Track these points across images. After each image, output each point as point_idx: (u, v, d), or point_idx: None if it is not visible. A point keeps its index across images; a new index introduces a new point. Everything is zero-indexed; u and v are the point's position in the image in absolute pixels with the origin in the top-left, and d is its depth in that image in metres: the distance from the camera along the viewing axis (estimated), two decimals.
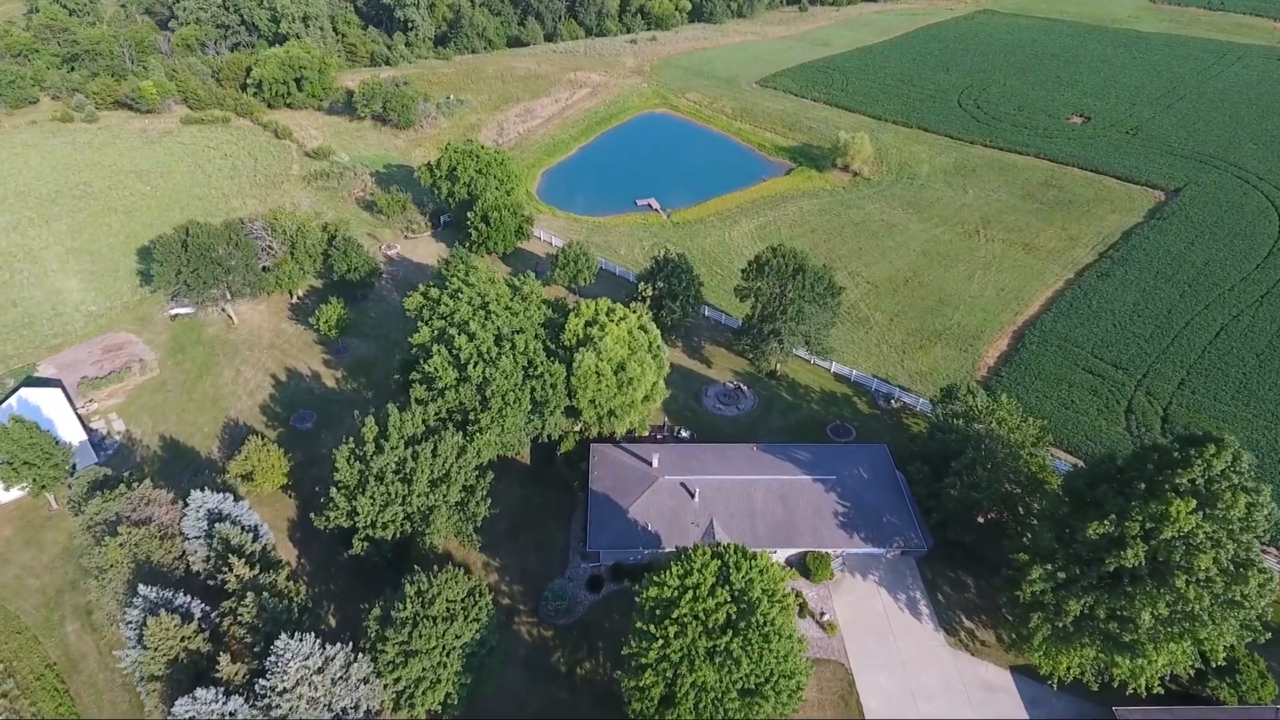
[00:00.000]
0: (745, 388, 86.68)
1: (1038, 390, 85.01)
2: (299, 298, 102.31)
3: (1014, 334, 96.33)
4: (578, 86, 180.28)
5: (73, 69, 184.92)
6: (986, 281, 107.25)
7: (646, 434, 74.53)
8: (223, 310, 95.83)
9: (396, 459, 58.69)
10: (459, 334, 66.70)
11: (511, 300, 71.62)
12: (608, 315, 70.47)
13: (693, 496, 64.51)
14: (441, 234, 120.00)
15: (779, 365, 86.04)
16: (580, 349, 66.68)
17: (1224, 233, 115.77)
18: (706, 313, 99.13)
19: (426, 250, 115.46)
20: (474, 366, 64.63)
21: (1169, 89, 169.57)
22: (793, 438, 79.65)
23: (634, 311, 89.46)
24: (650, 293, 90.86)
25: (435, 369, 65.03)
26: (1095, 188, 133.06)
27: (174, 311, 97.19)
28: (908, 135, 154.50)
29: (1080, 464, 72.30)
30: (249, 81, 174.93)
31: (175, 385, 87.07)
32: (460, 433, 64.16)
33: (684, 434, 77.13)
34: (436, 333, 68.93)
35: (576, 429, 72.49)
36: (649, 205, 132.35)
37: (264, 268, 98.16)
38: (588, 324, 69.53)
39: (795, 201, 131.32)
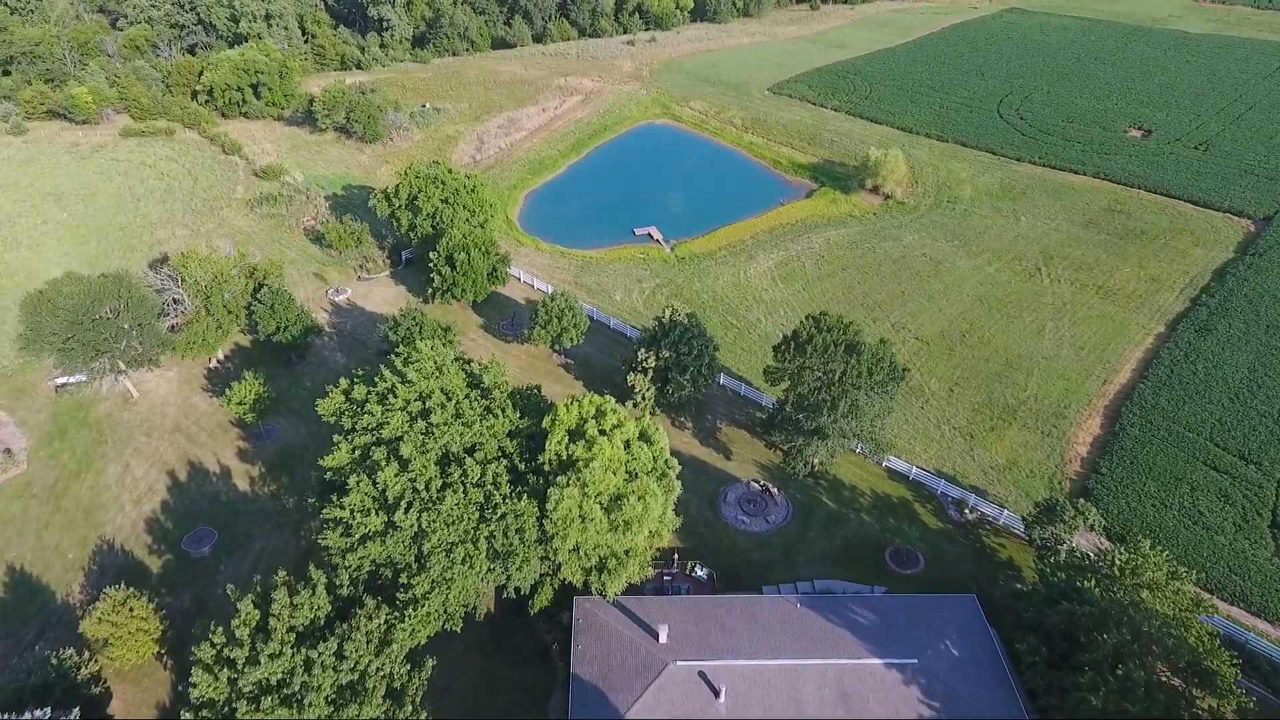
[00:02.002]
0: (775, 490, 67.49)
1: (1153, 496, 65.93)
2: (219, 361, 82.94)
3: (1106, 410, 77.25)
4: (568, 94, 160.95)
5: (7, 73, 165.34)
6: (1060, 337, 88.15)
7: (650, 575, 55.24)
8: (117, 380, 76.35)
9: (282, 670, 39.37)
10: (387, 459, 47.41)
11: (466, 399, 52.17)
12: (597, 419, 51.13)
13: (717, 695, 45.39)
14: (403, 273, 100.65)
15: (820, 464, 66.82)
16: (561, 477, 47.34)
17: None
18: (723, 380, 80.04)
19: (383, 295, 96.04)
20: (405, 511, 45.36)
21: (1234, 97, 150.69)
22: (841, 568, 60.56)
23: (634, 388, 70.84)
24: (653, 363, 71.74)
25: (351, 513, 45.75)
26: (1169, 215, 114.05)
27: (60, 381, 77.84)
28: (944, 151, 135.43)
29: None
30: (199, 88, 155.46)
31: (42, 488, 67.64)
32: (386, 604, 44.95)
33: (700, 572, 57.91)
34: (358, 453, 49.61)
35: (555, 574, 53.14)
36: (649, 235, 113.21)
37: (171, 327, 78.79)
38: (571, 436, 50.17)
39: (820, 231, 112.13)
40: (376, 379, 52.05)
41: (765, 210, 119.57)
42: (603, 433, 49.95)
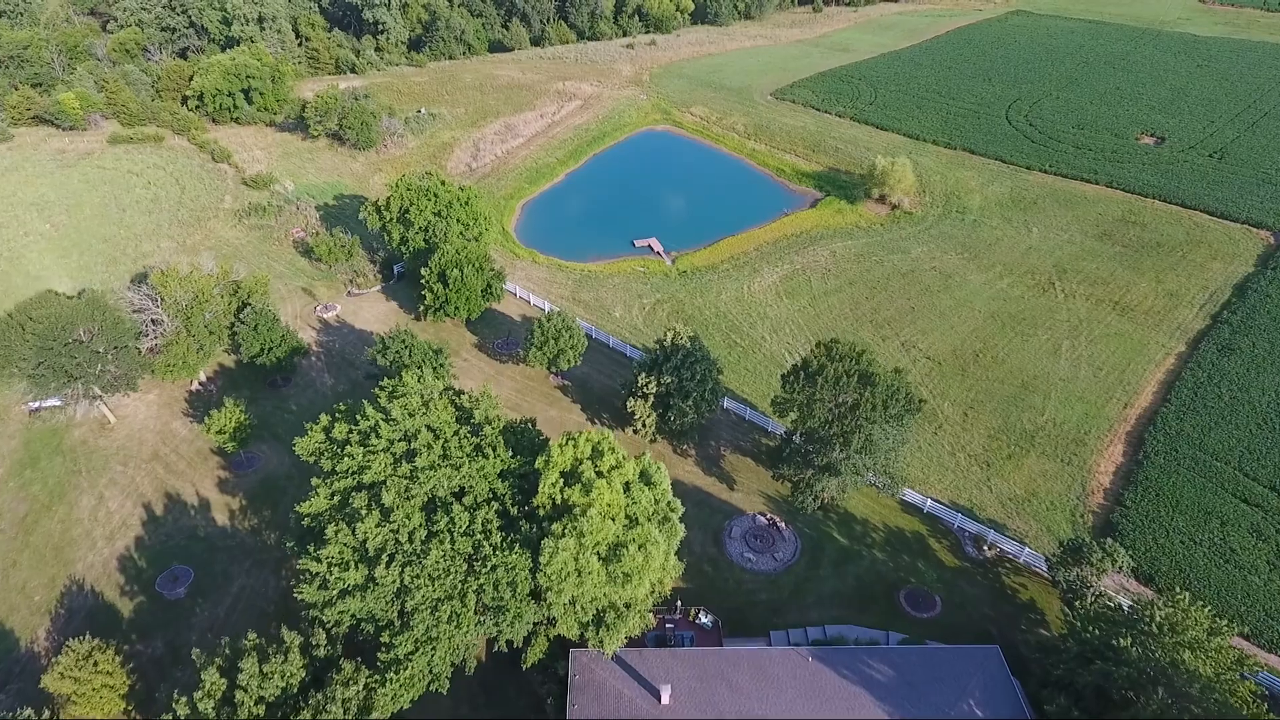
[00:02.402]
0: (782, 524, 64.06)
1: (1181, 531, 62.52)
2: (202, 383, 79.47)
3: (1128, 436, 73.81)
4: (567, 98, 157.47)
5: None
6: (1078, 356, 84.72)
7: (651, 623, 51.72)
8: (93, 405, 72.92)
9: None
10: (368, 507, 43.97)
11: (455, 437, 48.73)
12: (594, 459, 47.73)
13: None
14: (395, 288, 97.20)
15: (830, 499, 63.35)
16: (556, 526, 43.93)
17: None
18: (727, 403, 76.63)
19: (374, 311, 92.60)
20: (387, 565, 41.94)
21: (1248, 103, 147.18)
22: (853, 611, 57.15)
23: (634, 414, 67.47)
24: (654, 389, 68.35)
25: (329, 566, 42.33)
26: (1185, 226, 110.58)
27: (34, 405, 74.48)
28: (951, 159, 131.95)
29: None
30: (190, 93, 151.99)
31: (11, 521, 64.22)
32: (366, 666, 41.55)
33: (704, 619, 54.43)
34: (338, 498, 46.16)
35: (550, 625, 49.66)
36: (649, 247, 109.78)
37: (150, 348, 75.34)
38: (566, 478, 46.72)
39: (826, 243, 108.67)
40: (359, 416, 48.49)
41: (769, 221, 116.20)
42: (600, 474, 46.53)
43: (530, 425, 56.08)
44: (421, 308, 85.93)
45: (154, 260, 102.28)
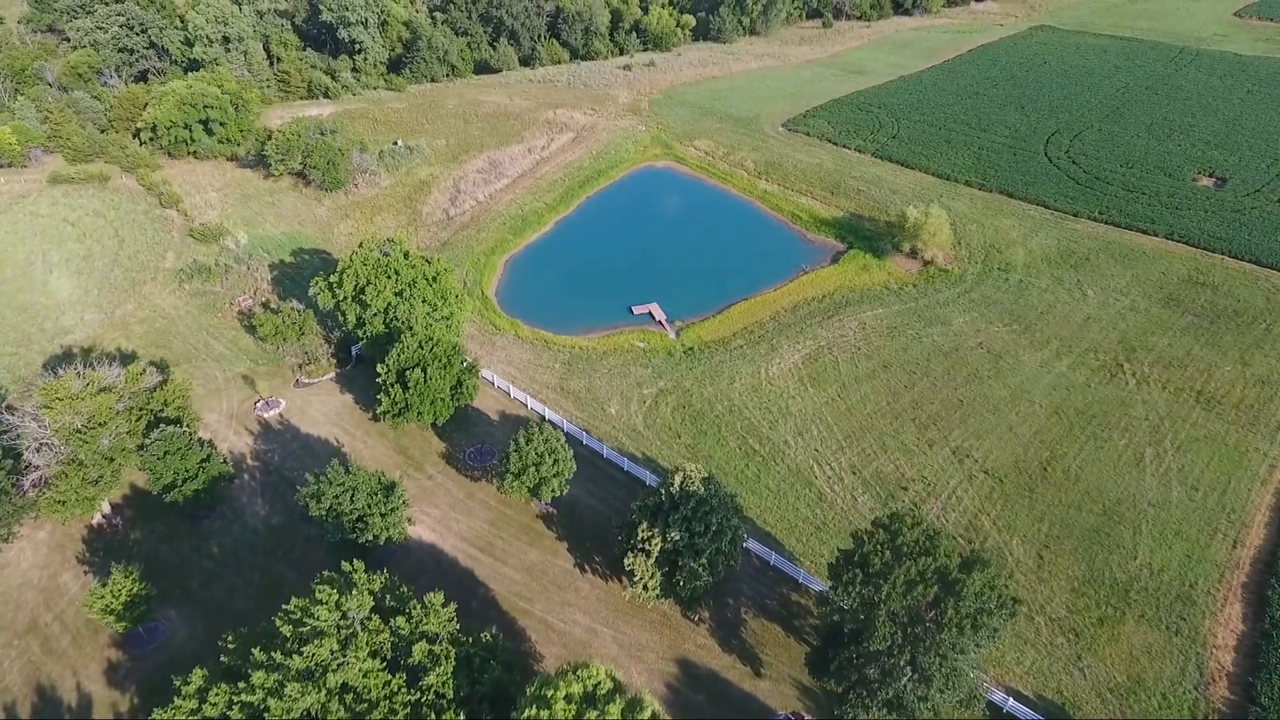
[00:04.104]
0: None
1: None
2: (106, 516, 65.11)
3: (1245, 591, 59.75)
4: (557, 129, 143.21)
5: None
6: (1165, 470, 70.62)
7: None
8: None
9: None
10: None
11: (385, 699, 34.34)
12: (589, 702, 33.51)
13: None
14: (352, 375, 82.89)
15: None
16: None
17: None
18: (748, 543, 62.39)
19: (325, 408, 78.24)
20: None
21: None
22: None
23: (633, 572, 53.37)
24: (659, 544, 54.18)
25: None
26: (1264, 290, 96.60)
27: None
28: (987, 203, 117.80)
29: None
30: (142, 125, 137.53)
31: None
32: None
33: None
34: None
35: None
36: (649, 314, 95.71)
37: (35, 482, 60.95)
38: None
39: (852, 311, 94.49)
40: (241, 685, 34.13)
41: (785, 281, 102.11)
42: None
43: (495, 640, 41.72)
44: (379, 410, 71.58)
45: (75, 337, 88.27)
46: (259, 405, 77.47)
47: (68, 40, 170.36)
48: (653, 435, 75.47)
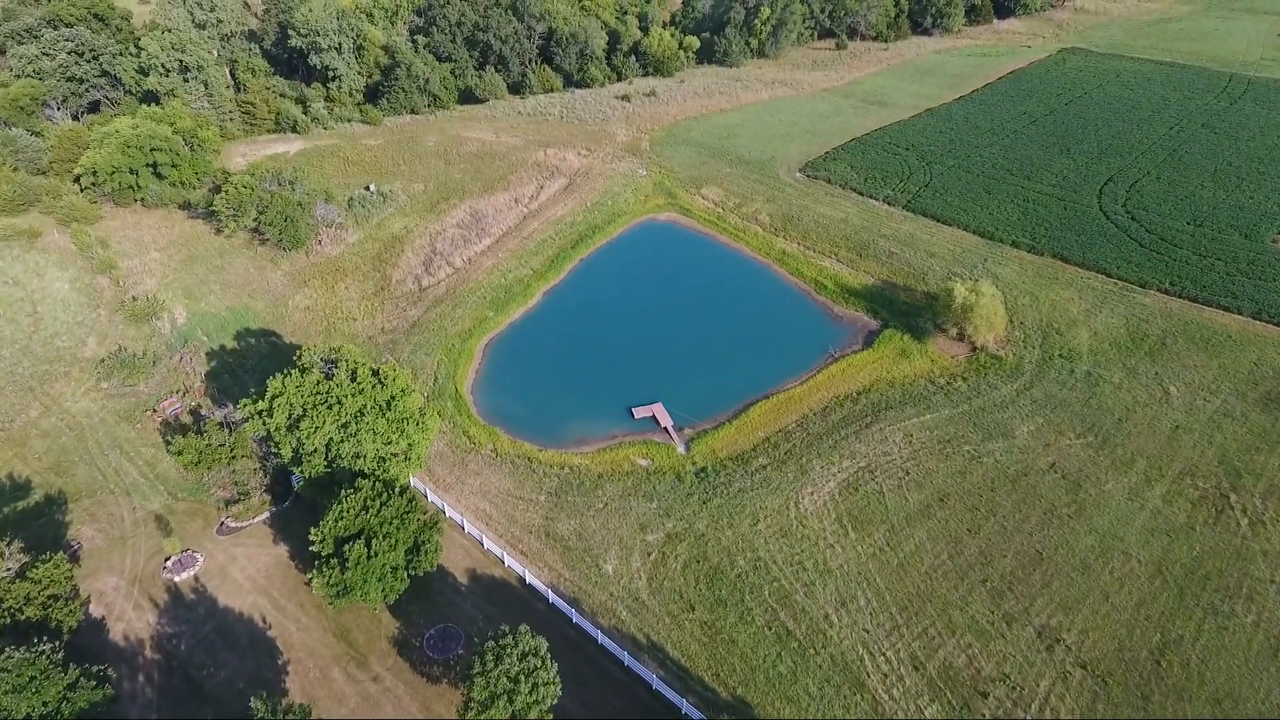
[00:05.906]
0: None
1: None
2: None
3: None
4: (548, 174, 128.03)
5: None
6: None
7: None
8: None
9: None
10: None
11: None
12: None
13: None
14: (289, 515, 67.64)
15: None
16: None
17: None
18: None
19: (253, 568, 62.88)
20: None
21: None
22: None
23: None
24: None
25: None
26: None
27: None
28: (1039, 269, 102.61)
29: None
30: (81, 170, 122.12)
31: None
32: None
33: None
34: None
35: None
36: (653, 419, 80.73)
37: None
38: None
39: (894, 416, 79.40)
40: None
41: (812, 371, 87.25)
42: None
43: None
44: (314, 588, 56.32)
45: None
46: (169, 565, 62.17)
47: (9, 69, 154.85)
48: (659, 607, 60.34)
